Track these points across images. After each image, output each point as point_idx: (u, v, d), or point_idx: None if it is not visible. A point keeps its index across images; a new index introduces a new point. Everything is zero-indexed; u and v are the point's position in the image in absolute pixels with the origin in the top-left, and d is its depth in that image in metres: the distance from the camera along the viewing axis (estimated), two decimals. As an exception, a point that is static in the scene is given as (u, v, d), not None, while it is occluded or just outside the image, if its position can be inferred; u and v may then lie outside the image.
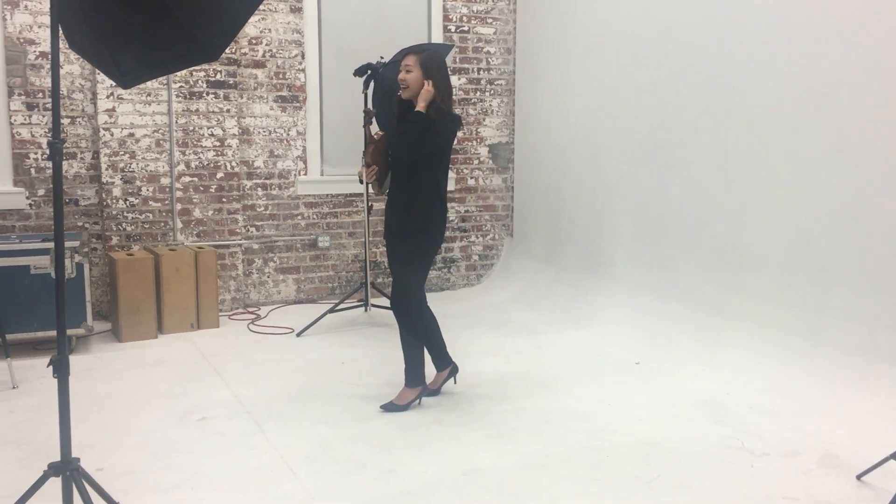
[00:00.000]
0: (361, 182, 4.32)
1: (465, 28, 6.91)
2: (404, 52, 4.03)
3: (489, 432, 3.78)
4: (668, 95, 5.37)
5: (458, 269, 7.15)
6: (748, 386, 4.34)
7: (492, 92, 7.10)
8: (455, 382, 4.37)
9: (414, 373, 4.09)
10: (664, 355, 4.90)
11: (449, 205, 6.93)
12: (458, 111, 6.87)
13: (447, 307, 6.33)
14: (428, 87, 3.88)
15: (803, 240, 4.47)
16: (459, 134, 6.95)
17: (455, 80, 6.90)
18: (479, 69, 7.02)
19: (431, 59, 3.95)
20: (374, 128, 4.86)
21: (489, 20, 6.99)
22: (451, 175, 6.95)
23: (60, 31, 2.41)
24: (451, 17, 6.85)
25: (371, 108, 4.48)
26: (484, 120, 7.11)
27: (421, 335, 4.12)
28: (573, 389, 4.41)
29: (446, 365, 4.30)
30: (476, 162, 7.12)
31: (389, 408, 4.05)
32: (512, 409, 4.10)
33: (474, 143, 7.09)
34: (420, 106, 3.87)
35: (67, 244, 4.97)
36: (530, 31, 6.90)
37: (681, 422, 3.92)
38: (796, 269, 4.51)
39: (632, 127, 5.72)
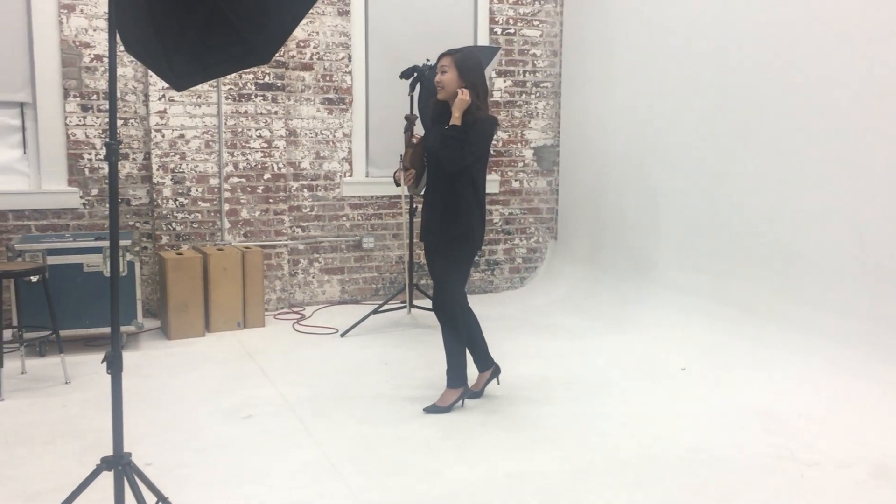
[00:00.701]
0: (398, 185, 4.35)
1: (511, 30, 6.90)
2: (443, 53, 4.03)
3: (533, 436, 3.76)
4: (718, 96, 5.30)
5: (502, 272, 7.14)
6: (799, 394, 4.26)
7: (537, 94, 7.07)
8: (498, 383, 4.36)
9: (456, 374, 4.09)
10: (712, 361, 4.83)
11: (493, 207, 6.96)
12: (503, 114, 6.90)
13: (490, 309, 6.32)
14: (463, 96, 3.84)
15: (859, 244, 4.37)
16: (504, 136, 6.97)
17: (500, 83, 6.90)
18: (524, 71, 7.00)
19: (466, 59, 3.93)
20: (420, 130, 4.88)
21: (535, 22, 6.97)
22: (496, 178, 6.95)
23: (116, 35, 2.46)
24: (497, 19, 6.84)
25: (413, 114, 4.50)
26: (529, 122, 7.08)
27: (463, 336, 4.12)
28: (617, 394, 4.37)
29: (488, 366, 4.29)
30: (521, 164, 7.10)
31: (432, 409, 4.06)
32: (555, 413, 4.08)
33: (519, 145, 7.08)
34: (455, 116, 3.84)
35: (119, 243, 5.08)
36: (577, 33, 6.86)
37: (729, 429, 3.86)
38: (852, 274, 4.41)
39: (679, 129, 5.66)
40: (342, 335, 5.55)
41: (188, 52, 2.53)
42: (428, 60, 5.50)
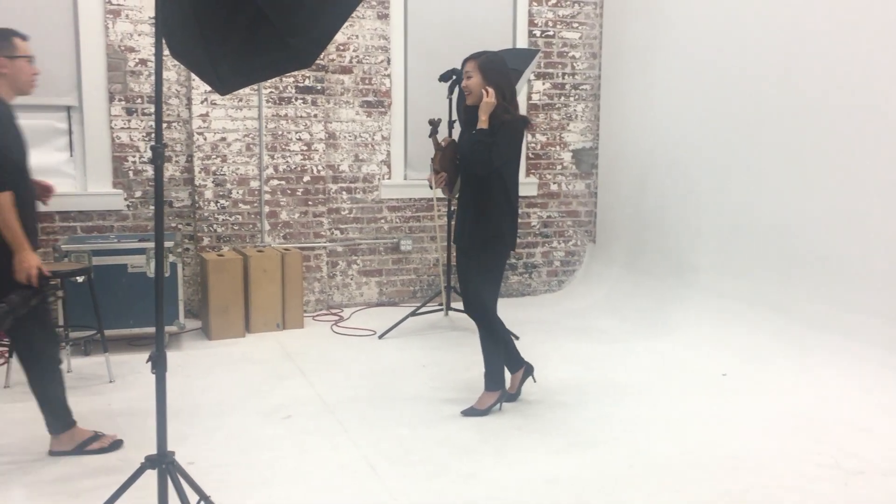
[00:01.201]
0: (432, 188, 4.38)
1: (551, 32, 6.88)
2: (468, 57, 4.01)
3: (571, 440, 3.75)
4: (760, 99, 5.23)
5: (540, 275, 7.11)
6: (843, 400, 4.18)
7: (576, 97, 7.04)
8: (534, 381, 4.35)
9: (495, 376, 4.08)
10: (753, 367, 4.76)
11: (530, 210, 6.94)
12: (541, 116, 6.88)
13: (528, 313, 6.31)
14: (488, 99, 3.81)
15: (904, 250, 4.29)
16: (542, 138, 6.95)
17: (539, 85, 6.88)
18: (563, 74, 6.97)
19: (490, 62, 3.91)
20: (445, 133, 4.89)
21: (575, 24, 6.94)
22: (534, 180, 6.93)
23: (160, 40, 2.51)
24: (536, 21, 6.83)
25: (437, 118, 4.54)
26: (568, 125, 7.05)
27: (500, 339, 4.09)
28: (656, 399, 4.33)
29: (520, 365, 4.26)
30: (559, 167, 7.07)
31: (470, 412, 4.06)
32: (593, 417, 4.06)
33: (557, 148, 7.05)
34: (482, 119, 3.82)
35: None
36: (617, 35, 6.82)
37: (771, 436, 3.81)
38: (896, 280, 4.33)
39: (721, 132, 5.59)
40: (380, 337, 5.57)
41: (232, 57, 2.56)
42: (467, 63, 5.51)
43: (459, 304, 5.88)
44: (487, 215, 3.93)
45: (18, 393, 4.32)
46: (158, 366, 2.45)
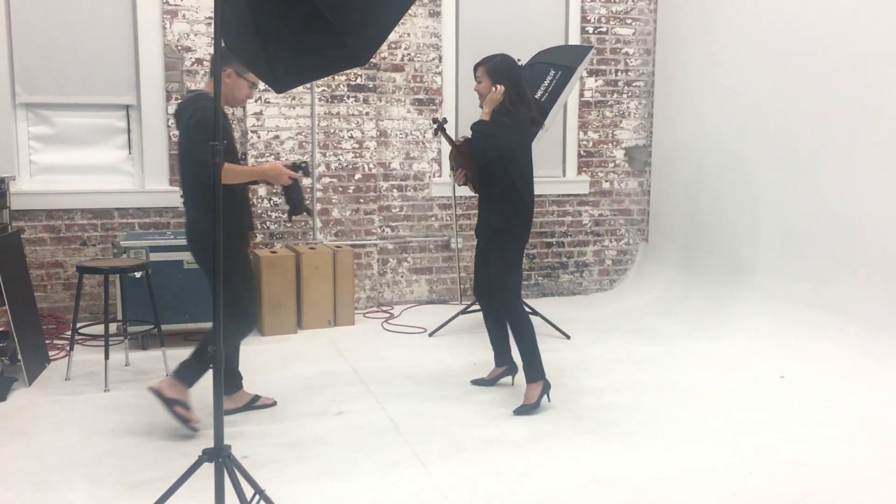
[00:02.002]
0: (456, 185, 4.46)
1: (604, 29, 6.80)
2: (478, 62, 4.15)
3: (624, 442, 3.70)
4: (822, 94, 5.09)
5: (591, 274, 7.05)
6: (906, 407, 4.06)
7: (629, 94, 6.96)
8: (512, 383, 4.44)
9: (534, 366, 4.09)
10: (813, 370, 4.64)
11: (582, 208, 6.89)
12: (593, 114, 6.81)
13: (579, 312, 6.26)
14: (495, 94, 3.98)
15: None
16: (594, 136, 6.89)
17: (591, 82, 6.82)
18: (616, 70, 6.90)
19: (499, 65, 4.05)
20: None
21: (628, 20, 6.86)
22: (585, 178, 6.88)
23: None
24: (588, 17, 6.76)
25: (441, 118, 4.61)
26: (620, 122, 6.97)
27: (529, 327, 4.10)
28: (711, 402, 4.26)
29: (506, 363, 4.44)
30: (611, 165, 7.00)
31: (522, 410, 4.04)
32: (647, 419, 4.00)
33: (610, 145, 6.97)
34: (485, 111, 4.01)
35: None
36: (671, 30, 6.71)
37: (830, 440, 3.71)
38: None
39: (780, 128, 5.47)
40: (430, 335, 5.58)
41: (288, 55, 2.58)
42: (518, 60, 5.46)
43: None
44: (497, 206, 4.09)
45: (79, 385, 4.44)
46: (216, 360, 2.48)
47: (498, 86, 3.98)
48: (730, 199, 6.01)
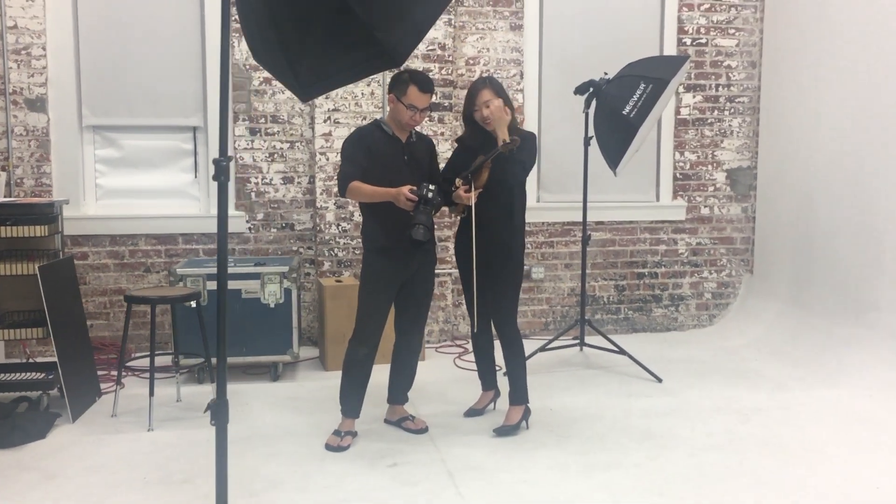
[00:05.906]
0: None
1: (703, 40, 6.22)
2: (477, 88, 3.93)
3: (723, 513, 3.12)
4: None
5: (688, 308, 6.41)
6: None
7: (732, 111, 6.33)
8: (493, 408, 4.35)
9: (523, 390, 4.10)
10: (952, 429, 3.93)
11: (678, 236, 6.33)
12: (690, 133, 6.25)
13: (674, 350, 5.67)
14: (503, 115, 3.83)
15: None
16: (692, 157, 6.33)
17: (688, 98, 6.24)
18: (717, 85, 6.29)
19: (499, 85, 4.00)
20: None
21: (731, 31, 6.26)
22: (682, 203, 6.31)
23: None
24: (686, 28, 6.20)
25: (515, 138, 3.95)
26: (722, 142, 6.35)
27: (523, 352, 4.12)
28: (830, 463, 3.61)
29: (493, 387, 4.41)
30: (711, 189, 6.37)
31: (503, 431, 3.99)
32: (752, 483, 3.40)
33: (710, 167, 6.36)
34: (504, 134, 3.81)
35: (277, 269, 4.93)
36: (780, 40, 6.07)
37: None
38: None
39: (908, 147, 4.77)
40: (505, 374, 5.08)
41: (312, 55, 2.21)
42: (605, 74, 5.00)
43: (594, 339, 5.36)
44: (515, 227, 4.09)
45: (124, 423, 4.16)
46: (219, 417, 2.08)
47: (503, 107, 3.84)
48: (847, 228, 5.31)
